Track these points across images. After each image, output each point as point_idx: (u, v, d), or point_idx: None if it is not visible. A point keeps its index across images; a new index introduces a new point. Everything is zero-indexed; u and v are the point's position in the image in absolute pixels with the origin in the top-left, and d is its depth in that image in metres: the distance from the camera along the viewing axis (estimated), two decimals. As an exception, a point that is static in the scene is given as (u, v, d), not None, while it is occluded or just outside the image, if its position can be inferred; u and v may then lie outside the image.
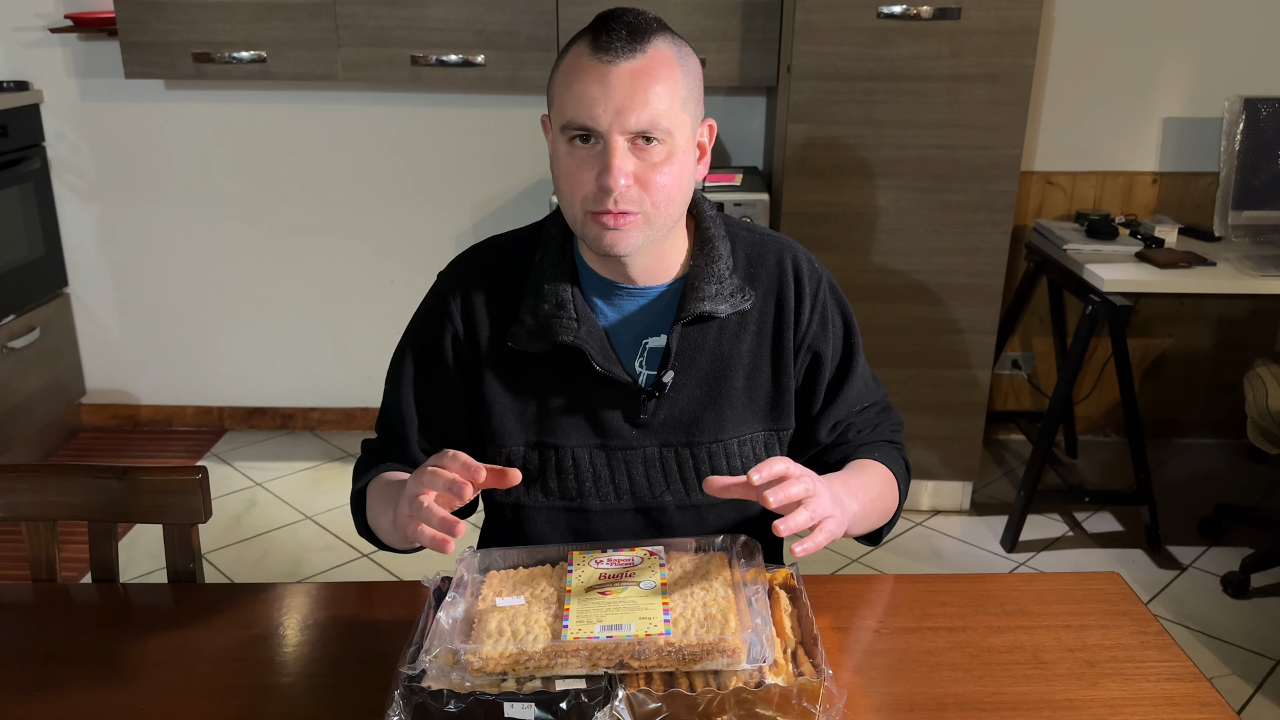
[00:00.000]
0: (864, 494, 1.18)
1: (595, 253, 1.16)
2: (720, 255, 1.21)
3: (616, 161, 1.08)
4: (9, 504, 1.29)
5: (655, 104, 1.08)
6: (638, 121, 1.07)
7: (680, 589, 1.01)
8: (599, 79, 1.07)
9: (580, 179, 1.10)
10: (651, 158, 1.09)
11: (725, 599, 0.98)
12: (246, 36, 2.86)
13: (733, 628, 0.94)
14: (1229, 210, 2.91)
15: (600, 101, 1.07)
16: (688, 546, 1.10)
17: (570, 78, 1.09)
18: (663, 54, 1.10)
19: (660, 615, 0.96)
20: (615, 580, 1.02)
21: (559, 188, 1.14)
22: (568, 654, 0.92)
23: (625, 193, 1.09)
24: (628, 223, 1.10)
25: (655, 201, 1.11)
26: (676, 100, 1.10)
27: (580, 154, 1.10)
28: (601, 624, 0.95)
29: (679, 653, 0.92)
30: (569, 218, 1.15)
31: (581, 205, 1.11)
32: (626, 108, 1.07)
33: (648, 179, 1.10)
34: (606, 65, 1.07)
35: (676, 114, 1.10)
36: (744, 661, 0.92)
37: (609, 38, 1.08)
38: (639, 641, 0.92)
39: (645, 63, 1.08)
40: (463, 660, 0.92)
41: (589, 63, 1.08)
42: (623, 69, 1.07)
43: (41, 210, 3.16)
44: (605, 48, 1.08)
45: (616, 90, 1.07)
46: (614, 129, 1.07)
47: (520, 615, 0.98)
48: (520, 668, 0.92)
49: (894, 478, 1.26)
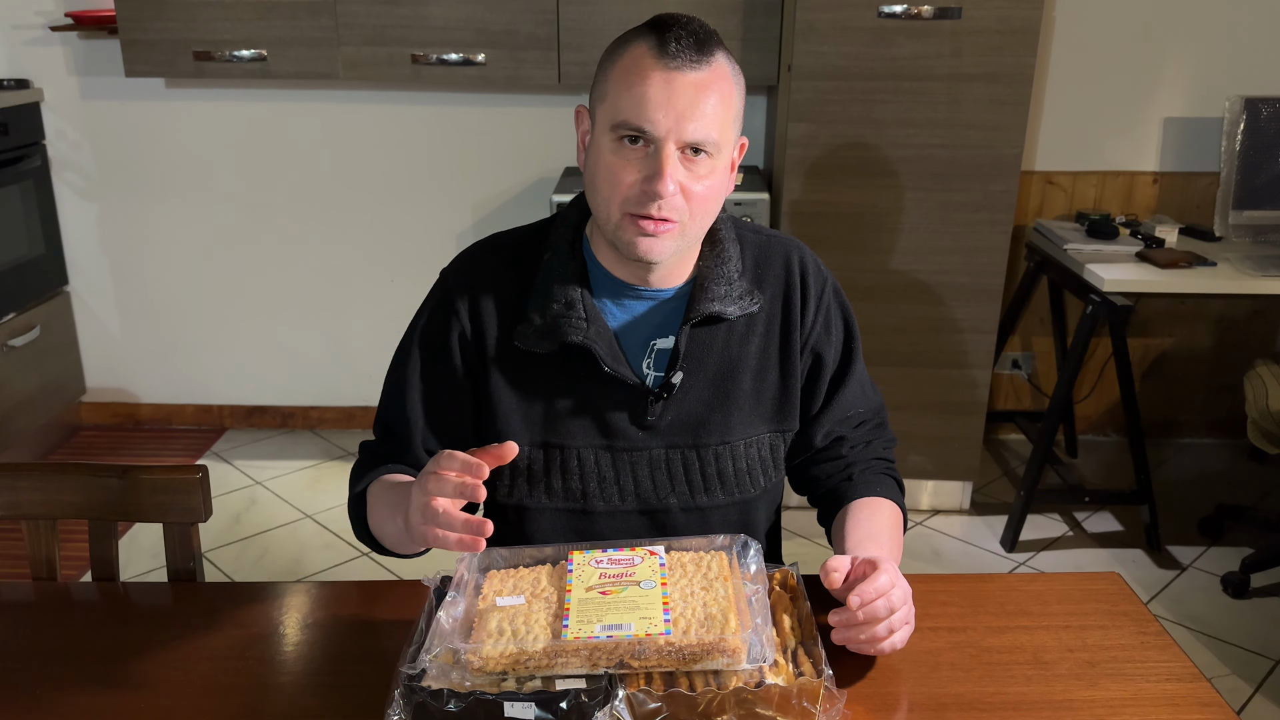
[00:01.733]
0: (899, 550, 1.23)
1: (626, 256, 1.15)
2: (730, 257, 1.21)
3: (669, 170, 1.08)
4: (9, 502, 1.29)
5: (712, 117, 1.08)
6: (694, 133, 1.07)
7: (680, 589, 1.01)
8: (664, 84, 1.07)
9: (624, 179, 1.10)
10: (698, 170, 1.10)
11: (725, 599, 0.98)
12: (247, 35, 2.86)
13: (733, 627, 0.94)
14: (1229, 210, 2.91)
15: (662, 107, 1.07)
16: (688, 546, 1.10)
17: (632, 77, 1.08)
18: (723, 69, 1.11)
19: (660, 615, 0.96)
20: (615, 580, 1.02)
21: (596, 184, 1.13)
22: (568, 654, 0.92)
23: (671, 200, 1.09)
24: (666, 230, 1.11)
25: (694, 213, 1.11)
26: (730, 116, 1.11)
27: (628, 154, 1.10)
28: (602, 624, 0.95)
29: (679, 652, 0.92)
30: (601, 216, 1.14)
31: (621, 206, 1.11)
32: (686, 117, 1.07)
33: (690, 189, 1.10)
34: (672, 72, 1.07)
35: (727, 130, 1.11)
36: (744, 661, 0.92)
37: (677, 44, 1.07)
38: (639, 641, 0.92)
39: (709, 75, 1.08)
40: (463, 660, 0.92)
41: (653, 65, 1.08)
42: (689, 78, 1.07)
43: (42, 208, 3.16)
44: (672, 54, 1.07)
45: (680, 98, 1.07)
46: (670, 136, 1.07)
47: (520, 615, 0.98)
48: (520, 667, 0.92)
49: (899, 511, 1.28)
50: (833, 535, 1.25)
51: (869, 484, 1.28)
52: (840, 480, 1.29)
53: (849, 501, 1.26)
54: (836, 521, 1.25)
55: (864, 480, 1.28)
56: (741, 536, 1.09)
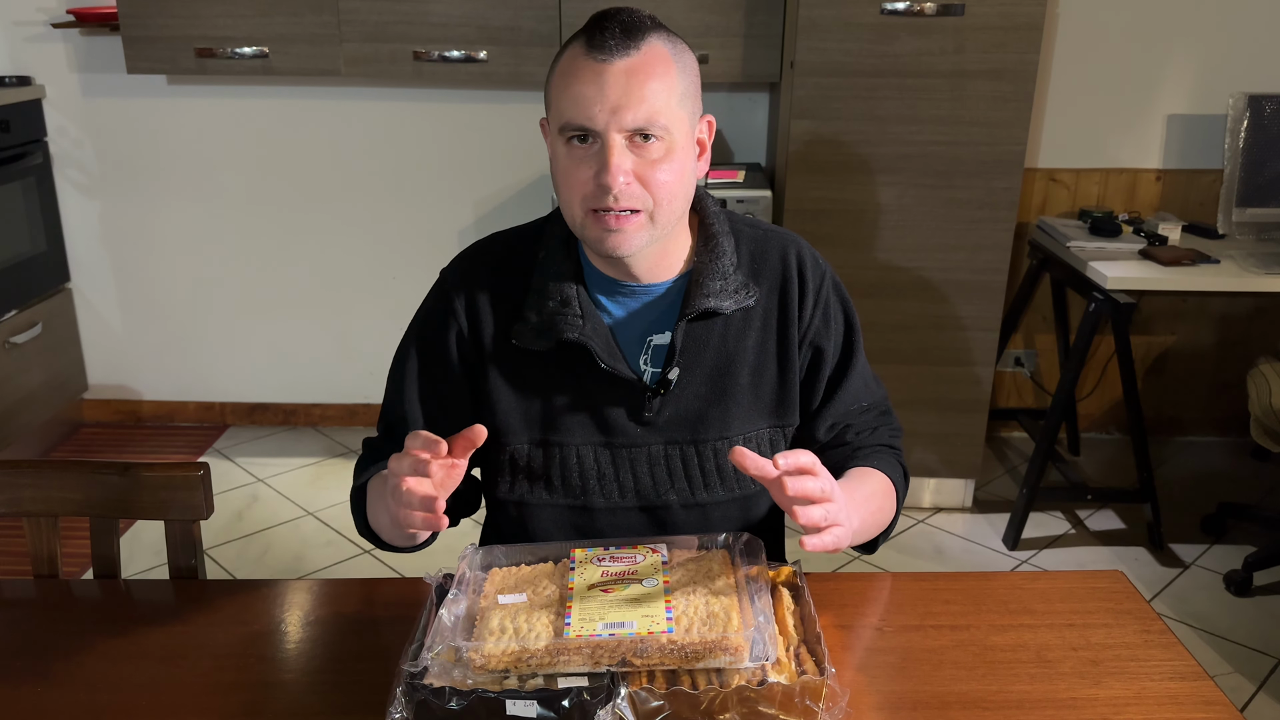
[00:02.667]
0: (865, 508, 1.16)
1: (598, 254, 1.16)
2: (724, 251, 1.20)
3: (615, 160, 1.07)
4: (11, 499, 1.29)
5: (652, 100, 1.08)
6: (634, 119, 1.07)
7: (683, 587, 1.00)
8: (594, 78, 1.07)
9: (579, 178, 1.10)
10: (650, 154, 1.09)
11: (728, 598, 0.98)
12: (249, 32, 2.86)
13: (735, 626, 0.94)
14: (1233, 207, 2.90)
15: (596, 100, 1.07)
16: (691, 545, 1.09)
17: (566, 79, 1.10)
18: (657, 51, 1.10)
19: (663, 613, 0.96)
20: (618, 578, 1.02)
21: (559, 190, 1.14)
22: (570, 652, 0.92)
23: (626, 190, 1.09)
24: (630, 223, 1.10)
25: (658, 199, 1.10)
26: (673, 96, 1.10)
27: (578, 154, 1.10)
28: (604, 622, 0.94)
29: (681, 651, 0.92)
30: (570, 220, 1.15)
31: (582, 205, 1.11)
32: (623, 105, 1.07)
33: (647, 176, 1.09)
34: (601, 64, 1.07)
35: (674, 110, 1.10)
36: (747, 660, 0.92)
37: (603, 36, 1.08)
38: (641, 639, 0.92)
39: (640, 60, 1.08)
40: (465, 658, 0.92)
41: (584, 63, 1.08)
42: (618, 67, 1.07)
43: (43, 205, 3.16)
44: (600, 46, 1.08)
45: (612, 88, 1.07)
46: (611, 127, 1.07)
47: (522, 613, 0.97)
48: (522, 665, 0.92)
49: (892, 487, 1.25)
50: None
51: (868, 458, 1.26)
52: (843, 459, 1.27)
53: (845, 471, 1.23)
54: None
55: (865, 456, 1.26)
56: (745, 535, 1.09)
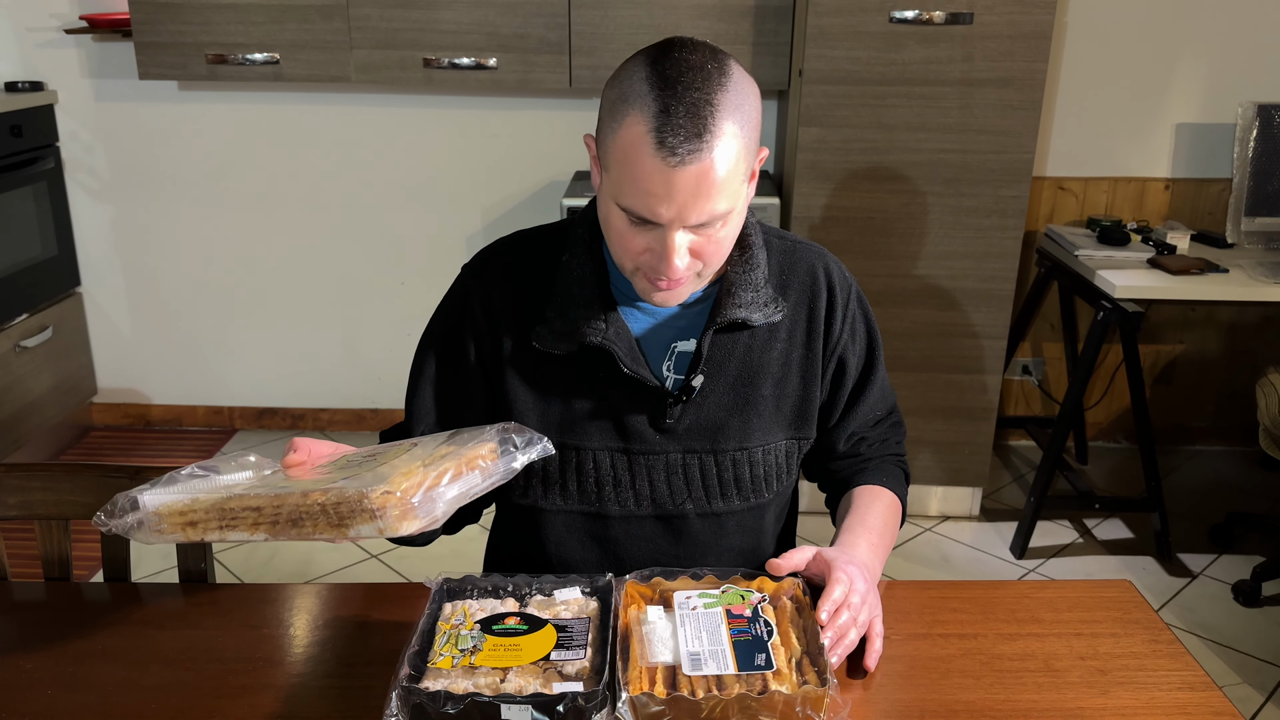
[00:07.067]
0: (883, 547, 1.22)
1: (642, 300, 1.17)
2: (758, 264, 1.20)
3: (675, 258, 1.05)
4: (22, 502, 1.30)
5: (718, 198, 1.03)
6: (699, 217, 1.04)
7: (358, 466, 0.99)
8: (662, 180, 1.01)
9: (632, 246, 1.08)
10: (710, 231, 1.07)
11: (399, 463, 0.97)
12: (260, 38, 2.87)
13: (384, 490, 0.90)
14: (1241, 216, 2.90)
15: (663, 201, 1.02)
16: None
17: (633, 167, 1.02)
18: (726, 141, 1.02)
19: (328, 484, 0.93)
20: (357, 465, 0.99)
21: (608, 234, 1.11)
22: (236, 511, 0.92)
23: (682, 269, 1.07)
24: (682, 284, 1.11)
25: (709, 261, 1.09)
26: (739, 172, 1.05)
27: (635, 229, 1.07)
28: (284, 488, 0.93)
29: (324, 512, 0.90)
30: (616, 262, 1.13)
31: (633, 262, 1.10)
32: (689, 208, 1.03)
33: (703, 249, 1.08)
34: (670, 169, 1.00)
35: (737, 186, 1.05)
36: (405, 523, 0.90)
37: (674, 137, 1.00)
38: (297, 501, 0.91)
39: (710, 161, 1.01)
40: (145, 516, 0.94)
41: (651, 161, 1.01)
42: (689, 171, 1.01)
43: (55, 210, 3.18)
44: (667, 146, 1.00)
45: (680, 192, 1.02)
46: (675, 225, 1.04)
47: (240, 486, 0.96)
48: (191, 529, 0.93)
49: (899, 502, 1.30)
50: (835, 517, 1.30)
51: (876, 473, 1.31)
52: (853, 472, 1.32)
53: (854, 487, 1.30)
54: (841, 505, 1.30)
55: (873, 469, 1.32)
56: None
